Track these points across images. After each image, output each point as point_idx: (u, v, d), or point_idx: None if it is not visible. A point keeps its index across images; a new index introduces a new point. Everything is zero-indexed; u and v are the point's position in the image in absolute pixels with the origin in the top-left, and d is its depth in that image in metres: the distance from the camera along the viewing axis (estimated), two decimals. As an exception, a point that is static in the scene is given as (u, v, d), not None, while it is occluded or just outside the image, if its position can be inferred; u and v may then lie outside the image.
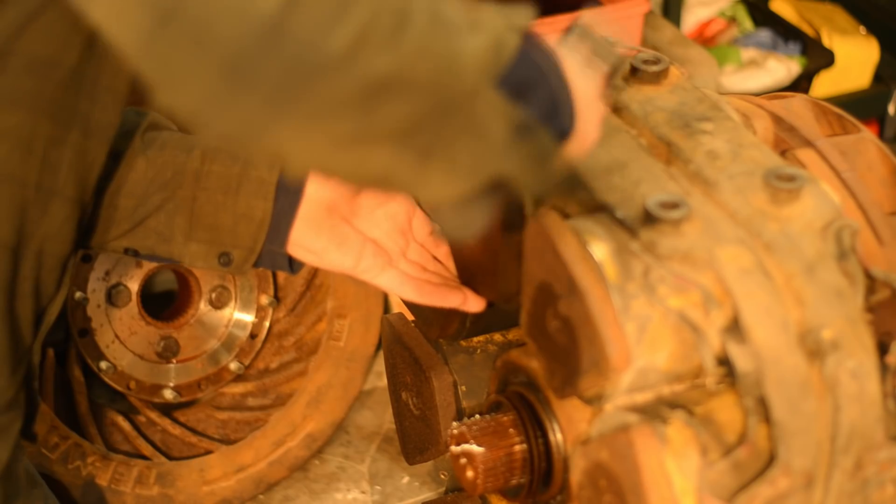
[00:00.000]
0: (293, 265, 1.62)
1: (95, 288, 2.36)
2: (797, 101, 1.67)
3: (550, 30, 2.74)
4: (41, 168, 1.41)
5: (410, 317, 1.79)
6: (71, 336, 2.40)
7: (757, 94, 1.75)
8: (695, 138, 1.51)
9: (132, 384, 2.45)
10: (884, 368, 1.40)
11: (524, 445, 1.56)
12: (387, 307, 2.66)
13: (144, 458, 2.43)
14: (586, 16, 1.37)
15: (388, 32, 1.12)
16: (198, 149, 1.58)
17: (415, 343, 1.75)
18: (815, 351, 1.37)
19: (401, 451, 1.84)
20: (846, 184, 1.54)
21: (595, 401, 1.43)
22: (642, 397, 1.43)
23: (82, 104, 1.41)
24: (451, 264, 1.66)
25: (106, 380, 2.43)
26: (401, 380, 1.79)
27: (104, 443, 2.43)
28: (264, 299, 2.52)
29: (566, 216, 1.44)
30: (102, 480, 2.37)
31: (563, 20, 2.64)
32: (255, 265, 1.60)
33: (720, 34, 3.13)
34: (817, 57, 3.04)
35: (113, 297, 2.37)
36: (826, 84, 3.06)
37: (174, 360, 2.48)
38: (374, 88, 1.12)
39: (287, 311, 2.55)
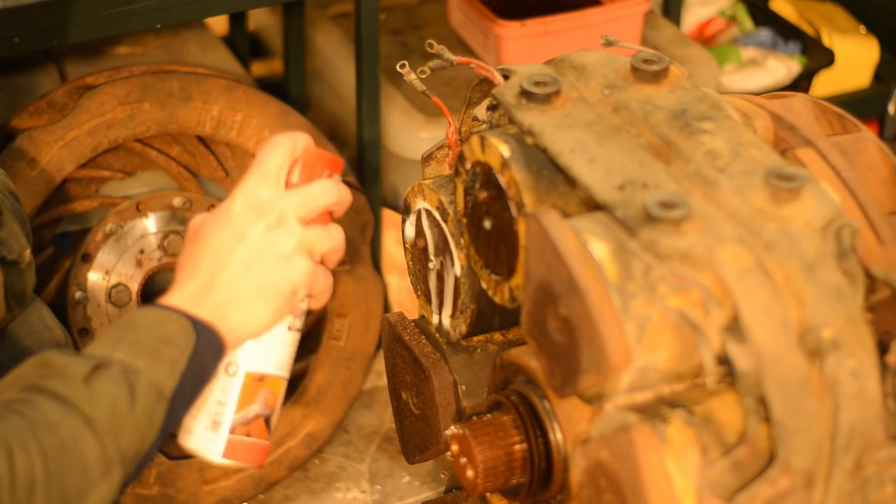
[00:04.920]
0: None
1: (95, 288, 2.36)
2: (797, 100, 1.67)
3: (550, 29, 2.74)
4: None
5: (411, 316, 1.80)
6: (71, 335, 2.40)
7: (757, 94, 1.75)
8: (695, 138, 1.51)
9: (132, 384, 2.45)
10: (884, 368, 1.40)
11: (524, 445, 1.56)
12: (387, 307, 2.66)
13: (144, 457, 2.43)
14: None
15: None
16: None
17: (415, 343, 1.75)
18: (815, 350, 1.37)
19: (401, 450, 1.84)
20: (846, 183, 1.54)
21: (595, 400, 1.43)
22: (642, 397, 1.43)
23: None
24: None
25: (106, 379, 2.43)
26: (401, 379, 1.79)
27: (104, 442, 2.43)
28: (264, 299, 2.51)
29: (566, 215, 1.44)
30: (102, 480, 2.36)
31: (563, 20, 2.64)
32: None
33: (720, 33, 3.13)
34: (817, 56, 3.04)
35: (113, 296, 2.37)
36: (826, 83, 3.06)
37: (174, 360, 2.47)
38: None
39: (287, 310, 2.55)
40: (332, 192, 1.45)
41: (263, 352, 1.42)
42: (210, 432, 1.41)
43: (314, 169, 1.45)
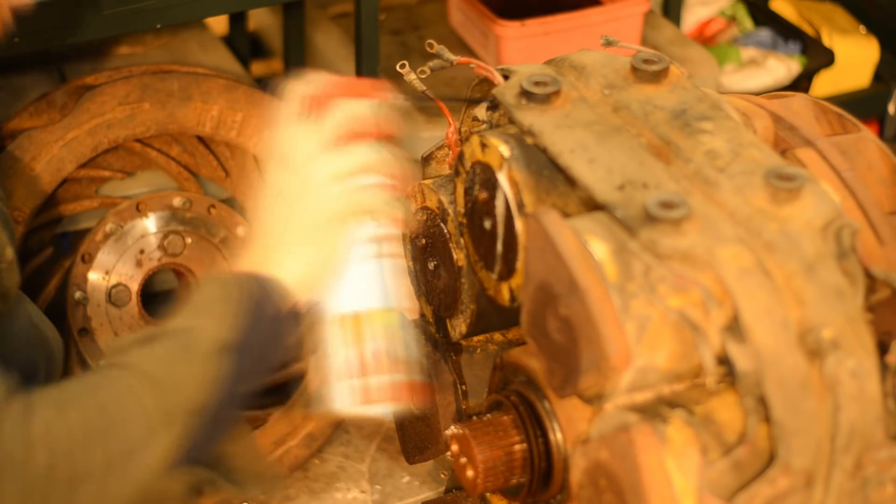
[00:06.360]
0: None
1: (95, 288, 2.36)
2: (797, 100, 1.67)
3: (550, 29, 2.73)
4: None
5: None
6: (71, 335, 2.40)
7: (757, 94, 1.75)
8: (695, 138, 1.51)
9: (132, 384, 2.44)
10: (884, 368, 1.40)
11: (524, 445, 1.56)
12: (387, 307, 2.65)
13: (144, 457, 2.42)
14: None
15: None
16: None
17: (415, 342, 1.75)
18: (815, 350, 1.37)
19: (401, 450, 1.84)
20: (846, 183, 1.54)
21: (595, 400, 1.43)
22: (642, 397, 1.43)
23: None
24: None
25: (106, 379, 2.43)
26: (401, 379, 1.79)
27: (104, 442, 2.42)
28: (264, 299, 2.51)
29: (566, 215, 1.44)
30: (102, 480, 2.36)
31: (563, 20, 2.64)
32: None
33: (720, 33, 3.13)
34: (817, 56, 3.04)
35: (113, 296, 2.37)
36: (826, 83, 3.06)
37: (174, 360, 2.47)
38: None
39: (287, 310, 2.54)
40: (350, 109, 1.45)
41: (348, 290, 1.41)
42: (336, 385, 1.40)
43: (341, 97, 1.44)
